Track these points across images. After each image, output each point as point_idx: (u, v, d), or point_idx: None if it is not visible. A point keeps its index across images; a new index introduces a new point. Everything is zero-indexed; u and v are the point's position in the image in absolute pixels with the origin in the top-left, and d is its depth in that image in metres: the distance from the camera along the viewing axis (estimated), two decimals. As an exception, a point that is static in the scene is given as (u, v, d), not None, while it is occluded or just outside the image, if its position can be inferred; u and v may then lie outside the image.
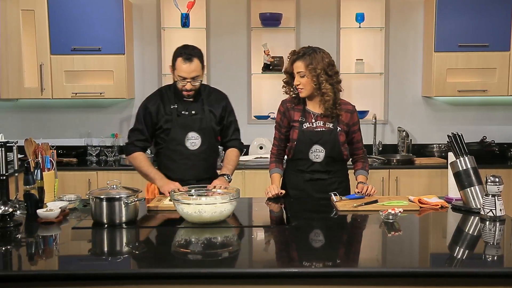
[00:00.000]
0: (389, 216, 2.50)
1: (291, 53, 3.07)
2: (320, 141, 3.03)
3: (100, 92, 4.68)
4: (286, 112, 3.10)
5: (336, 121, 3.05)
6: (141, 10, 5.00)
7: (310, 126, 3.05)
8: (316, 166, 3.06)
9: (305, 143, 3.04)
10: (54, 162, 2.85)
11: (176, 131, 3.15)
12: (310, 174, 3.08)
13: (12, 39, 4.59)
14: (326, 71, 3.00)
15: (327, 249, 2.25)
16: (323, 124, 3.05)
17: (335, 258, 2.11)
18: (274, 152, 3.23)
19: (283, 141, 3.17)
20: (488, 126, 5.10)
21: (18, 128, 5.02)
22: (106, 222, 2.46)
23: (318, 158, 3.05)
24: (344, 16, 4.99)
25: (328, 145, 3.03)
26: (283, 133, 3.14)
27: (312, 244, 2.30)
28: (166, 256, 2.11)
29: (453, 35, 4.67)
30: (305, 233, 2.40)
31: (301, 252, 2.17)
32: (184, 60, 3.05)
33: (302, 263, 2.00)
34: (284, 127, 3.13)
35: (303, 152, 3.05)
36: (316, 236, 2.41)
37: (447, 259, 2.09)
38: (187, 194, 2.63)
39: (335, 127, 3.04)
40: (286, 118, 3.11)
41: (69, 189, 4.32)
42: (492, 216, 2.47)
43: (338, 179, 3.13)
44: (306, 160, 3.06)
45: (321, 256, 2.12)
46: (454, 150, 2.75)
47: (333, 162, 3.08)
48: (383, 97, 5.09)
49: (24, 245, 2.29)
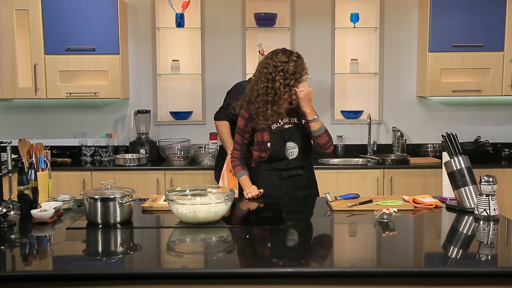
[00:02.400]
0: (384, 215, 2.50)
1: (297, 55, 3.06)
2: (292, 137, 3.07)
3: (95, 92, 4.67)
4: (250, 118, 3.10)
5: (298, 115, 3.09)
6: (135, 10, 4.99)
7: (278, 126, 3.06)
8: (293, 163, 3.10)
9: (279, 143, 3.06)
10: (48, 162, 2.85)
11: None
12: (288, 171, 3.10)
13: (6, 39, 4.58)
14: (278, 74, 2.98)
15: (322, 249, 2.25)
16: (288, 121, 3.08)
17: (330, 258, 2.12)
18: (236, 156, 3.21)
19: (245, 145, 3.19)
20: (482, 126, 5.12)
21: (12, 128, 5.01)
22: (101, 223, 2.46)
23: (292, 154, 3.09)
24: (339, 16, 5.00)
25: (299, 140, 3.08)
26: (247, 138, 3.16)
27: (307, 244, 2.30)
28: (161, 256, 2.11)
29: (448, 35, 4.68)
30: (300, 233, 2.41)
31: (295, 252, 2.17)
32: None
33: (296, 263, 2.00)
34: (247, 133, 3.14)
35: (279, 152, 3.08)
36: (310, 235, 2.41)
37: (442, 259, 2.09)
38: (181, 194, 2.62)
39: (300, 120, 3.09)
40: (251, 124, 3.11)
41: (64, 189, 4.31)
42: (486, 215, 2.48)
43: (310, 173, 3.22)
44: (283, 160, 3.09)
45: (315, 256, 2.13)
46: (448, 150, 2.76)
47: (304, 156, 3.13)
48: (377, 97, 5.10)
49: (18, 245, 2.28)
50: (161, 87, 5.11)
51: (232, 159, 3.24)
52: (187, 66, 5.05)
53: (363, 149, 5.08)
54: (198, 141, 4.98)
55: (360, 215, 2.68)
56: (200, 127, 5.07)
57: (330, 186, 3.36)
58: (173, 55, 5.03)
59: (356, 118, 5.09)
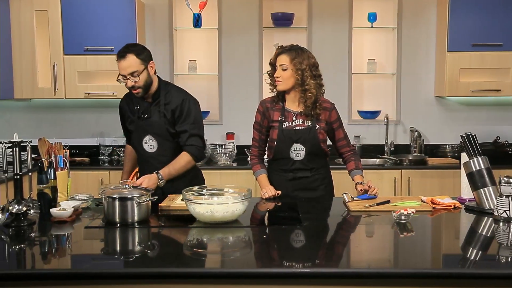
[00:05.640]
0: (402, 216, 2.49)
1: (278, 47, 3.08)
2: (300, 140, 3.04)
3: (113, 92, 4.70)
4: (266, 112, 3.11)
5: (314, 120, 3.05)
6: (153, 10, 5.02)
7: (289, 125, 3.05)
8: (298, 164, 3.07)
9: (285, 143, 3.04)
10: (67, 161, 2.87)
11: (135, 133, 3.23)
12: (293, 173, 3.09)
13: (26, 40, 4.64)
14: (311, 69, 2.99)
15: (339, 249, 2.25)
16: (302, 123, 3.05)
17: (347, 258, 2.11)
18: (255, 154, 3.21)
19: (263, 141, 3.18)
20: (501, 126, 5.06)
21: (31, 127, 5.06)
22: (119, 222, 2.47)
23: (299, 156, 3.06)
24: (356, 15, 4.98)
25: (308, 144, 3.04)
26: (264, 133, 3.15)
27: (323, 245, 2.29)
28: (178, 255, 2.12)
29: (466, 35, 4.64)
30: (317, 233, 2.40)
31: (312, 252, 2.17)
32: (119, 58, 3.03)
33: (313, 263, 2.00)
34: (264, 127, 3.14)
35: (284, 151, 3.06)
36: (328, 236, 2.40)
37: (460, 260, 2.07)
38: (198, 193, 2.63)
39: (314, 125, 3.05)
40: (266, 119, 3.11)
41: (82, 188, 4.34)
42: (506, 217, 2.45)
43: (321, 175, 3.15)
44: (287, 159, 3.07)
45: (332, 257, 2.12)
46: (467, 151, 2.73)
47: (314, 158, 3.09)
48: (395, 97, 5.07)
49: (38, 244, 2.30)
50: (178, 87, 5.12)
51: (251, 157, 3.24)
52: (204, 66, 5.06)
53: (380, 150, 5.05)
54: (215, 141, 4.99)
55: (377, 216, 2.66)
56: (217, 127, 5.08)
57: (347, 186, 3.35)
58: (190, 55, 5.05)
59: (373, 118, 5.06)
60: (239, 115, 5.04)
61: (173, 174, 3.09)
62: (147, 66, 3.07)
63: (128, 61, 3.01)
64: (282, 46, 3.08)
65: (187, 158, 3.13)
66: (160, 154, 3.17)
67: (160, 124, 3.13)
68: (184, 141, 3.15)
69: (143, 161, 3.25)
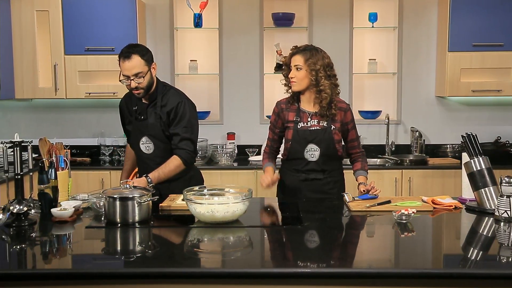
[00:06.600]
0: (402, 216, 2.49)
1: (293, 48, 3.08)
2: (315, 140, 3.03)
3: (113, 92, 4.70)
4: (281, 113, 3.11)
5: (330, 120, 3.04)
6: (154, 10, 5.02)
7: (304, 125, 3.05)
8: (312, 165, 3.07)
9: (300, 143, 3.04)
10: (68, 161, 2.87)
11: (133, 134, 3.25)
12: (306, 174, 3.08)
13: (27, 40, 4.64)
14: (325, 69, 2.99)
15: (339, 249, 2.24)
16: (317, 123, 3.05)
17: (348, 258, 2.11)
18: (267, 151, 3.25)
19: (276, 141, 3.20)
20: (502, 126, 5.06)
21: (32, 127, 5.07)
22: (119, 222, 2.47)
23: (313, 157, 3.05)
24: (357, 15, 4.98)
25: (323, 144, 3.03)
26: (277, 133, 3.16)
27: (325, 245, 2.29)
28: (179, 255, 2.12)
29: (467, 35, 4.64)
30: (318, 233, 2.40)
31: (313, 252, 2.17)
32: (123, 58, 3.02)
33: (313, 263, 2.00)
34: (278, 128, 3.14)
35: (298, 151, 3.06)
36: (328, 236, 2.40)
37: (461, 260, 2.07)
38: (199, 193, 2.63)
39: (329, 125, 3.04)
40: (281, 119, 3.11)
41: (82, 188, 4.34)
42: (507, 217, 2.45)
43: (333, 178, 3.14)
44: (301, 160, 3.07)
45: (333, 257, 2.12)
46: (468, 151, 2.73)
47: (328, 160, 3.08)
48: (396, 97, 5.07)
49: (38, 243, 2.31)
50: (179, 87, 5.06)
51: (264, 154, 3.27)
52: (205, 66, 5.06)
53: (381, 150, 5.05)
54: (215, 141, 4.99)
55: (378, 216, 2.66)
56: (217, 127, 5.08)
57: (348, 186, 3.35)
58: (191, 55, 5.05)
59: (374, 118, 5.06)
60: (240, 115, 5.04)
61: (162, 178, 3.06)
62: (150, 67, 3.08)
63: (133, 62, 3.00)
64: (297, 46, 3.08)
65: (177, 162, 3.10)
66: (157, 156, 3.17)
67: (156, 126, 3.13)
68: (176, 144, 3.13)
69: (141, 161, 3.27)
